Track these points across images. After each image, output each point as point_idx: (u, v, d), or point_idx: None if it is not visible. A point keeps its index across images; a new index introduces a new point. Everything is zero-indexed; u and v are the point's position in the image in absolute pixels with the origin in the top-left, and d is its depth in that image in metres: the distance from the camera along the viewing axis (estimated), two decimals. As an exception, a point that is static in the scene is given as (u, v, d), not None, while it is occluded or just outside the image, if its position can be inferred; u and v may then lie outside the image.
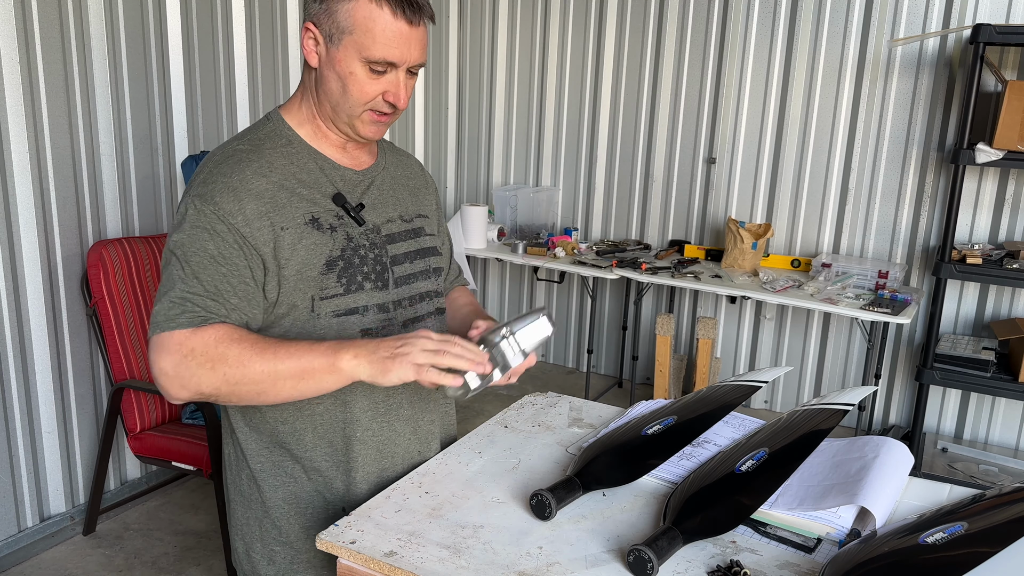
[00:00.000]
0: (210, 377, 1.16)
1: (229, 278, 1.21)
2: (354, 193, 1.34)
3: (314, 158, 1.31)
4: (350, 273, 1.29)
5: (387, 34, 1.21)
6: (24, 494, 2.78)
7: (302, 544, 1.36)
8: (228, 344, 1.17)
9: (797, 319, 4.04)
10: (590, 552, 1.15)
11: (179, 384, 1.17)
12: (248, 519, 1.39)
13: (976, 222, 3.58)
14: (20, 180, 2.63)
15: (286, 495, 1.35)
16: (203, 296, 1.19)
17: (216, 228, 1.20)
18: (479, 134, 4.70)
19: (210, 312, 1.19)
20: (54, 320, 2.79)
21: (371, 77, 1.23)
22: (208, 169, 1.25)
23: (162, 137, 3.09)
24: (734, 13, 3.91)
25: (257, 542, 1.38)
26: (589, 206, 4.47)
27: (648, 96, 4.19)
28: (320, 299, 1.27)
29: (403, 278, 1.37)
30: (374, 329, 1.31)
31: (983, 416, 3.70)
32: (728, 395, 1.48)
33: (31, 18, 2.60)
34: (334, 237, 1.28)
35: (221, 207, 1.20)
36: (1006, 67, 3.43)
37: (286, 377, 1.17)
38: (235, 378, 1.17)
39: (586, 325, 4.57)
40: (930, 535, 1.09)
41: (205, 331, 1.17)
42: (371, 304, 1.31)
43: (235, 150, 1.28)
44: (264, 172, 1.26)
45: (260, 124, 1.34)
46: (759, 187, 4.01)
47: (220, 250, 1.20)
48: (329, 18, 1.22)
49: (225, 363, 1.16)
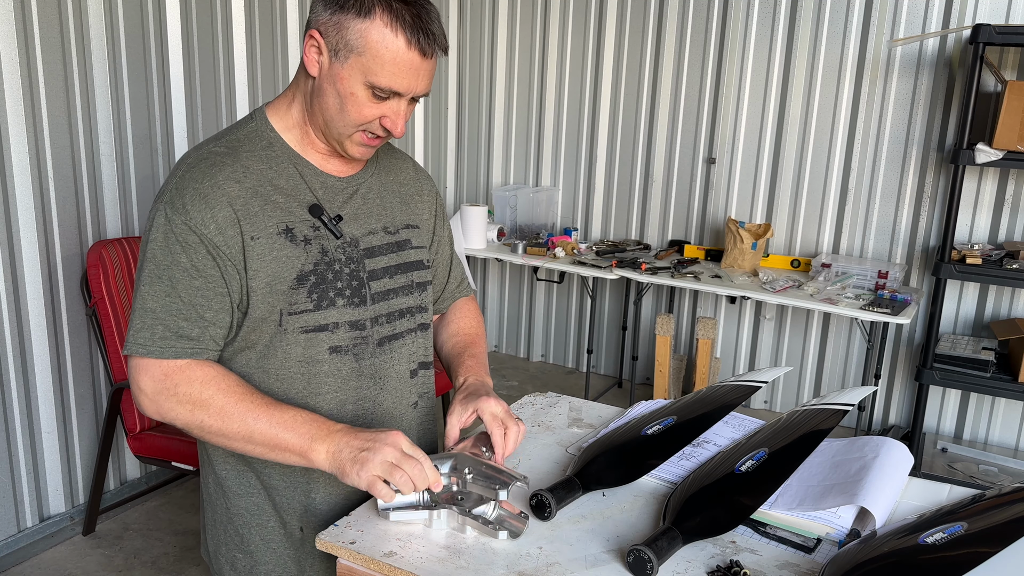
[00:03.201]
0: (186, 416, 1.18)
1: (204, 291, 1.19)
2: (335, 201, 1.29)
3: (295, 163, 1.27)
4: (322, 288, 1.24)
5: (397, 63, 1.16)
6: (24, 494, 2.78)
7: (261, 555, 1.33)
8: (214, 391, 1.18)
9: (797, 319, 4.04)
10: (590, 552, 1.15)
11: (154, 409, 1.20)
12: (215, 521, 1.37)
13: (976, 222, 3.58)
14: (20, 180, 2.63)
15: (248, 505, 1.32)
16: (180, 314, 1.18)
17: (188, 240, 1.17)
18: (479, 134, 4.70)
19: (187, 336, 1.18)
20: (54, 320, 2.79)
21: (372, 101, 1.19)
22: (180, 173, 1.21)
23: (162, 137, 3.09)
24: (734, 13, 3.91)
25: (222, 545, 1.37)
26: (589, 206, 4.47)
27: (648, 96, 4.19)
28: (288, 314, 1.22)
29: (381, 294, 1.31)
30: (343, 347, 1.27)
31: (983, 416, 3.70)
32: (728, 395, 1.48)
33: (31, 18, 2.60)
34: (308, 250, 1.23)
35: (191, 216, 1.17)
36: (1006, 67, 3.43)
37: (258, 442, 1.17)
38: (209, 427, 1.18)
39: (586, 325, 4.57)
40: (930, 535, 1.09)
41: (192, 369, 1.19)
42: (342, 321, 1.26)
43: (210, 152, 1.23)
44: (238, 177, 1.21)
45: (242, 123, 1.29)
46: (759, 187, 4.01)
47: (193, 262, 1.18)
48: (338, 32, 1.16)
49: (206, 410, 1.17)
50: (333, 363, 1.27)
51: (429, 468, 1.14)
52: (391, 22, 1.14)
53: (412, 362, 1.37)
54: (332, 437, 1.16)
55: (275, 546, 1.33)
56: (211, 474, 1.35)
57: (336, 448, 1.15)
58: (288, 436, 1.16)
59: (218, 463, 1.32)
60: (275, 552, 1.33)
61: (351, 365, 1.28)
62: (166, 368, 1.18)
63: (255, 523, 1.33)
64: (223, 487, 1.33)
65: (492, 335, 4.93)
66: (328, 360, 1.26)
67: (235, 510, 1.33)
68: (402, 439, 1.15)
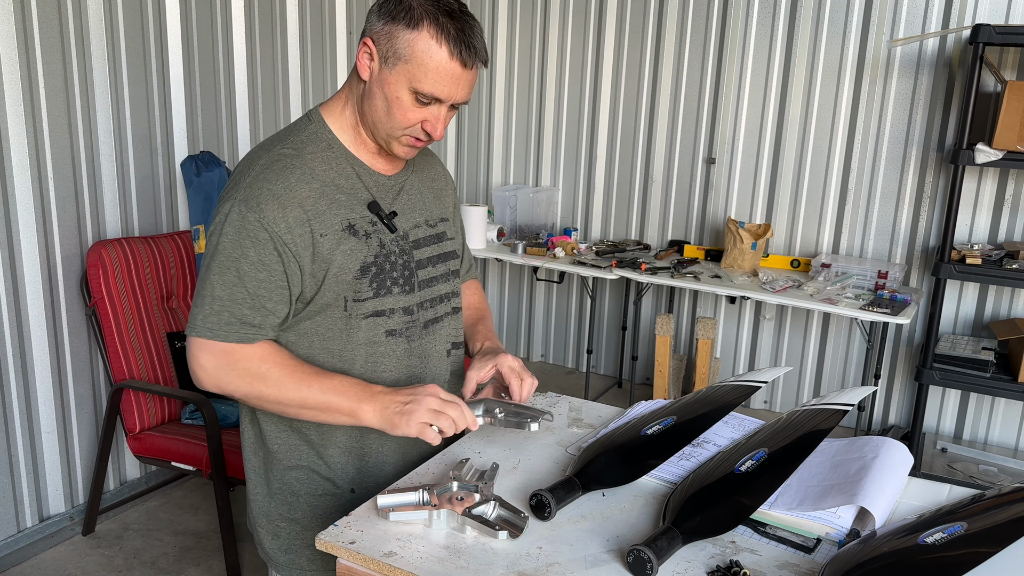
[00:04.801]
0: (245, 388, 1.31)
1: (267, 284, 1.30)
2: (386, 198, 1.41)
3: (351, 163, 1.38)
4: (380, 278, 1.37)
5: (440, 72, 1.26)
6: (23, 494, 2.78)
7: (309, 521, 1.43)
8: (271, 365, 1.30)
9: (797, 319, 4.04)
10: (590, 552, 1.15)
11: (214, 383, 1.32)
12: (258, 495, 1.47)
13: (975, 222, 3.58)
14: (20, 180, 2.63)
15: (299, 475, 1.43)
16: (244, 303, 1.29)
17: (259, 236, 1.28)
18: (479, 134, 4.70)
19: (250, 323, 1.30)
20: (53, 320, 2.79)
21: (415, 106, 1.29)
22: (254, 173, 1.31)
23: (161, 137, 3.09)
24: (734, 13, 3.91)
25: (263, 517, 1.47)
26: (589, 206, 4.47)
27: (648, 96, 4.19)
28: (353, 301, 1.35)
29: (426, 281, 1.44)
30: (398, 330, 1.40)
31: (982, 416, 3.70)
32: (728, 395, 1.48)
33: (30, 19, 2.60)
34: (368, 243, 1.35)
35: (265, 215, 1.27)
36: (1005, 67, 3.43)
37: (311, 407, 1.30)
38: (267, 396, 1.31)
39: (586, 325, 4.57)
40: (929, 535, 1.09)
41: (251, 348, 1.31)
42: (397, 307, 1.39)
43: (280, 155, 1.33)
44: (307, 179, 1.32)
45: (302, 125, 1.39)
46: (759, 187, 4.01)
47: (261, 257, 1.28)
48: (388, 41, 1.26)
49: (263, 382, 1.30)
50: (389, 345, 1.40)
51: (467, 410, 1.28)
52: (437, 34, 1.25)
53: (448, 342, 1.51)
54: (376, 397, 1.29)
55: (323, 511, 1.43)
56: (260, 449, 1.46)
57: (382, 406, 1.28)
58: (338, 400, 1.29)
59: (270, 438, 1.43)
60: (322, 517, 1.43)
61: (404, 346, 1.42)
62: (226, 348, 1.30)
63: (304, 492, 1.43)
64: (273, 459, 1.44)
65: (492, 335, 4.93)
66: (385, 342, 1.40)
67: (286, 479, 1.43)
68: (438, 390, 1.29)
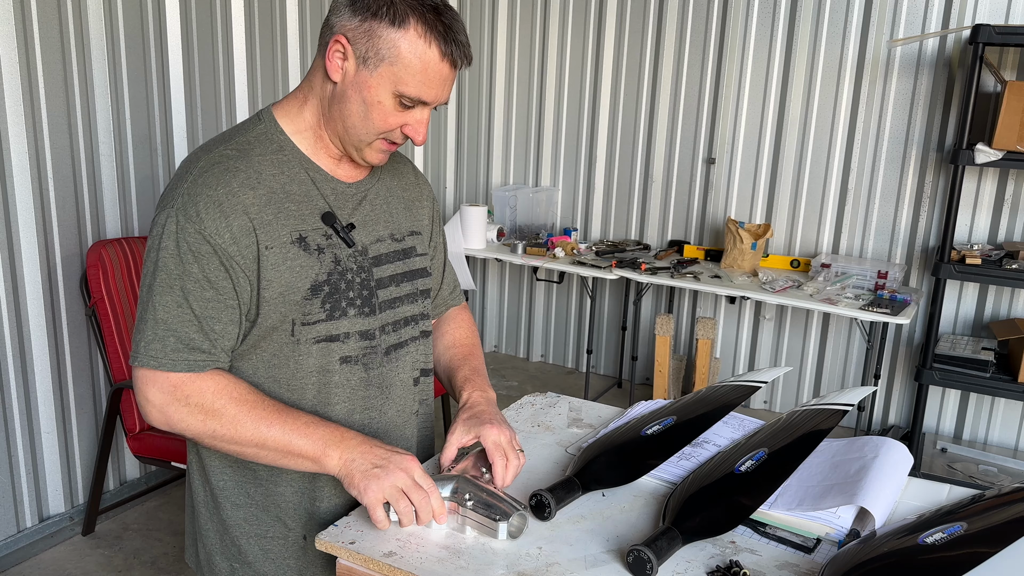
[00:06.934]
0: (197, 426, 1.17)
1: (215, 303, 1.16)
2: (345, 208, 1.26)
3: (306, 168, 1.24)
4: (335, 299, 1.22)
5: (429, 74, 1.15)
6: (23, 494, 2.78)
7: (260, 565, 1.31)
8: (226, 400, 1.16)
9: (796, 319, 4.04)
10: (589, 552, 1.15)
11: (163, 420, 1.18)
12: (207, 530, 1.34)
13: (975, 222, 3.59)
14: (19, 180, 2.63)
15: (246, 515, 1.31)
16: (191, 325, 1.16)
17: (201, 250, 1.14)
18: (478, 134, 4.70)
19: (199, 349, 1.16)
20: (53, 320, 2.79)
21: (397, 109, 1.18)
22: (192, 177, 1.16)
23: (161, 137, 3.09)
24: (734, 13, 3.91)
25: (216, 554, 1.34)
26: (588, 206, 4.47)
27: (648, 96, 4.19)
28: (301, 324, 1.21)
29: (388, 302, 1.30)
30: (353, 356, 1.26)
31: (982, 416, 3.70)
32: (727, 395, 1.48)
33: (30, 19, 2.60)
34: (321, 259, 1.21)
35: (206, 225, 1.14)
36: (1005, 67, 3.43)
37: (271, 448, 1.16)
38: (221, 435, 1.17)
39: (585, 325, 4.57)
40: (929, 535, 1.09)
41: (203, 379, 1.17)
42: (353, 331, 1.25)
43: (221, 156, 1.19)
44: (252, 183, 1.18)
45: (250, 124, 1.25)
46: (758, 187, 4.01)
47: (206, 273, 1.15)
48: (368, 40, 1.13)
49: (217, 419, 1.16)
50: (343, 373, 1.26)
51: (436, 500, 1.14)
52: (425, 33, 1.13)
53: (415, 370, 1.37)
54: (346, 443, 1.16)
55: (275, 556, 1.31)
56: (204, 484, 1.33)
57: (350, 457, 1.15)
58: (302, 442, 1.16)
59: (215, 473, 1.30)
60: (275, 562, 1.31)
61: (360, 375, 1.28)
62: (175, 380, 1.16)
63: (254, 533, 1.31)
64: (218, 498, 1.31)
65: (492, 335, 4.93)
66: (339, 370, 1.25)
67: (232, 520, 1.31)
68: (416, 466, 1.15)
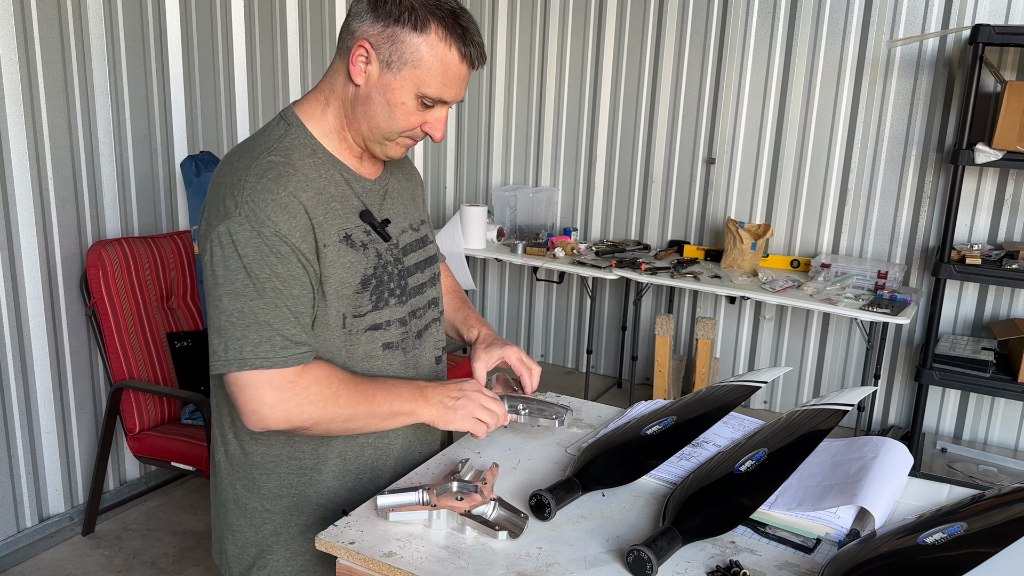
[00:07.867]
0: (318, 414, 1.23)
1: (303, 298, 1.23)
2: (374, 204, 1.35)
3: (339, 169, 1.30)
4: (380, 291, 1.32)
5: (449, 75, 1.22)
6: (23, 494, 2.78)
7: (299, 546, 1.35)
8: (337, 384, 1.24)
9: (796, 319, 4.04)
10: (589, 552, 1.15)
11: (283, 418, 1.21)
12: (241, 525, 1.37)
13: (975, 222, 3.59)
14: (19, 180, 2.63)
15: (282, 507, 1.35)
16: (291, 321, 1.20)
17: (281, 250, 1.19)
18: (478, 134, 4.70)
19: (302, 343, 1.22)
20: (53, 320, 2.79)
21: (419, 109, 1.25)
22: (250, 185, 1.19)
23: (161, 137, 3.09)
24: (733, 13, 3.91)
25: (252, 547, 1.37)
26: (588, 206, 4.47)
27: (648, 96, 4.19)
28: (353, 316, 1.29)
29: (416, 288, 1.40)
30: (394, 342, 1.35)
31: (982, 416, 3.70)
32: (727, 395, 1.48)
33: (30, 19, 2.60)
34: (366, 255, 1.30)
35: (280, 227, 1.19)
36: (1005, 67, 3.43)
37: (379, 417, 1.28)
38: (339, 416, 1.24)
39: (585, 325, 4.57)
40: (929, 535, 1.09)
41: (311, 370, 1.23)
42: (393, 319, 1.35)
43: (271, 163, 1.22)
44: (304, 186, 1.23)
45: (280, 131, 1.28)
46: (758, 187, 4.01)
47: (290, 271, 1.20)
48: (391, 44, 1.20)
49: (335, 403, 1.23)
50: (386, 359, 1.35)
51: (502, 411, 1.36)
52: (446, 37, 1.20)
53: (437, 349, 1.47)
54: (426, 394, 1.31)
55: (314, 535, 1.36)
56: (231, 483, 1.37)
57: (435, 402, 1.31)
58: (400, 403, 1.29)
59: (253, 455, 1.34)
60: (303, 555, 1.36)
61: (400, 359, 1.37)
62: (290, 376, 1.21)
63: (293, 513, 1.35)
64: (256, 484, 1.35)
65: (492, 335, 4.93)
66: (382, 356, 1.35)
67: (269, 501, 1.35)
68: (480, 385, 1.38)
